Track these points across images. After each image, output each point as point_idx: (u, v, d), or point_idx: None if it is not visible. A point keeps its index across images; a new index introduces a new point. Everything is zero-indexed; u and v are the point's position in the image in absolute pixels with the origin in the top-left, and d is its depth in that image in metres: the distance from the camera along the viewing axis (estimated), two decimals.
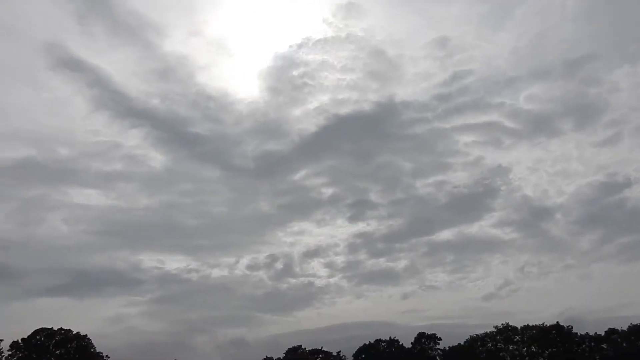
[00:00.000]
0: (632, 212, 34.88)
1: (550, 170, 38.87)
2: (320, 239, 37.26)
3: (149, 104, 37.59)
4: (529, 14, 41.40)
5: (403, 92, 40.45)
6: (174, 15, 40.45)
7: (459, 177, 38.92)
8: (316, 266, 36.10)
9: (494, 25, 42.34)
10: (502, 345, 21.54)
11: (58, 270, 31.51)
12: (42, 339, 21.49)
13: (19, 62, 35.31)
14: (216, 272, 34.94)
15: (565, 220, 36.09)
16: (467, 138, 39.29)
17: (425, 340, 22.37)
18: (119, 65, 37.37)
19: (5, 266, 30.70)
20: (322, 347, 23.06)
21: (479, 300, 33.68)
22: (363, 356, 22.39)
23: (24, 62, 35.41)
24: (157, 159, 37.22)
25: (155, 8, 39.95)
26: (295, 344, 23.61)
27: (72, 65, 35.58)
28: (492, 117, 39.71)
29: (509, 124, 39.60)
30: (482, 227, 36.96)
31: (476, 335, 21.91)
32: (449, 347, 21.91)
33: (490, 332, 21.62)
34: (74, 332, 21.72)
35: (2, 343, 20.60)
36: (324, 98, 40.45)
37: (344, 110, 40.01)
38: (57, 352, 21.33)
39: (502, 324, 21.80)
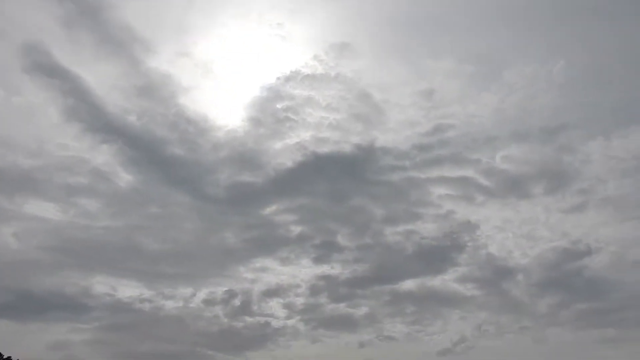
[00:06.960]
0: (590, 280, 35.35)
1: (517, 232, 39.05)
2: (282, 278, 36.43)
3: (125, 120, 36.50)
4: (516, 77, 42.11)
5: (384, 138, 40.48)
6: (164, 33, 39.53)
7: (428, 229, 38.76)
8: (275, 306, 35.11)
9: (480, 84, 43.02)
10: None
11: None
12: None
13: None
14: (170, 304, 33.81)
15: (526, 282, 36.21)
16: (441, 190, 39.39)
17: None
18: (100, 77, 36.04)
19: None
20: None
21: (434, 355, 33.23)
22: None
23: None
24: (125, 178, 35.90)
25: (147, 24, 38.77)
26: None
27: (49, 71, 34.29)
28: (468, 172, 40.07)
29: (483, 181, 40.04)
30: (445, 281, 36.81)
31: None
32: None
33: None
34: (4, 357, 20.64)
35: None
36: (305, 135, 40.14)
37: (324, 149, 39.72)
38: None
39: None
